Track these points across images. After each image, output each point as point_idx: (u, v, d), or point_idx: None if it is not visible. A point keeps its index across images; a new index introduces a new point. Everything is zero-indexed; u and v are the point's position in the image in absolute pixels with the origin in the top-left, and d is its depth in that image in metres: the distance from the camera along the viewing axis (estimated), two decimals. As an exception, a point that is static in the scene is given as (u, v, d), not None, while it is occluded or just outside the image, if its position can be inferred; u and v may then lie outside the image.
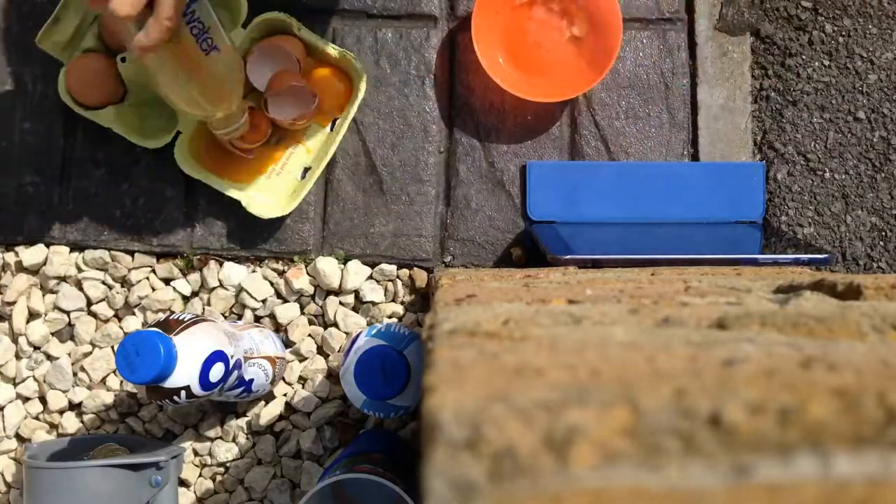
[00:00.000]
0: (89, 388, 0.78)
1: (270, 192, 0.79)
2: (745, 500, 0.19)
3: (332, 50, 0.77)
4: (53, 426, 0.79)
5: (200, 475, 0.78)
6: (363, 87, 0.76)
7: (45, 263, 0.79)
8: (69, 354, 0.79)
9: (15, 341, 0.79)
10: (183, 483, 0.77)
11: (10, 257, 0.80)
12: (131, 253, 0.80)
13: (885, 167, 0.81)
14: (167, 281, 0.80)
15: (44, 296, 0.79)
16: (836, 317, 0.32)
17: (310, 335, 0.78)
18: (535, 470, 0.19)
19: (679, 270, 0.61)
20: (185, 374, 0.59)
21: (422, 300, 0.78)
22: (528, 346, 0.29)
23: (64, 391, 0.78)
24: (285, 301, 0.79)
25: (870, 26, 0.82)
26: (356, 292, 0.78)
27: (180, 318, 0.62)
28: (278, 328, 0.78)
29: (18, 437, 0.79)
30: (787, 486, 0.19)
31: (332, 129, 0.79)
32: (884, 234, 0.81)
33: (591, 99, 0.80)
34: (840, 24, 0.82)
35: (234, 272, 0.78)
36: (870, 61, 0.82)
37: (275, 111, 0.74)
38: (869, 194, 0.81)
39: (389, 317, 0.78)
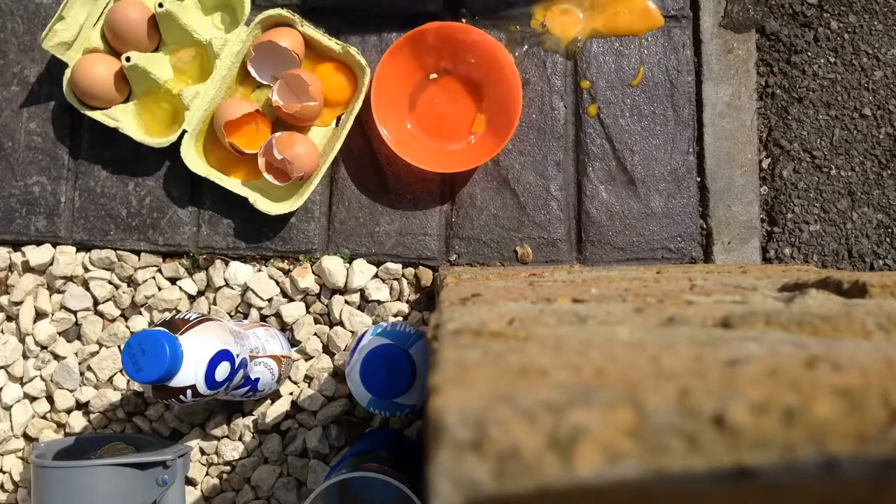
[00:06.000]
0: (96, 387, 0.79)
1: (277, 188, 0.79)
2: (749, 501, 0.19)
3: (335, 45, 0.77)
4: (61, 425, 0.79)
5: (207, 474, 0.78)
6: (367, 81, 0.77)
7: (51, 263, 0.79)
8: (76, 354, 0.79)
9: (22, 341, 0.80)
10: (190, 482, 0.77)
11: (16, 257, 0.80)
12: (137, 252, 0.80)
13: (891, 164, 0.80)
14: (173, 280, 0.80)
15: (51, 296, 0.80)
16: (841, 315, 0.32)
17: (315, 334, 0.78)
18: (539, 470, 0.19)
19: (685, 268, 0.61)
20: (190, 374, 0.59)
21: (427, 299, 0.79)
22: (532, 345, 0.29)
23: (71, 390, 0.78)
24: (291, 300, 0.79)
25: (875, 23, 0.82)
26: (362, 291, 0.78)
27: (186, 317, 0.62)
28: (284, 327, 0.78)
29: (26, 436, 0.79)
30: (790, 486, 0.19)
31: (336, 125, 0.79)
32: (890, 231, 0.80)
33: (596, 96, 0.80)
34: (846, 20, 0.82)
35: (240, 271, 0.78)
36: (875, 58, 0.81)
37: (282, 97, 0.76)
38: (875, 191, 0.80)
39: (395, 315, 0.78)
